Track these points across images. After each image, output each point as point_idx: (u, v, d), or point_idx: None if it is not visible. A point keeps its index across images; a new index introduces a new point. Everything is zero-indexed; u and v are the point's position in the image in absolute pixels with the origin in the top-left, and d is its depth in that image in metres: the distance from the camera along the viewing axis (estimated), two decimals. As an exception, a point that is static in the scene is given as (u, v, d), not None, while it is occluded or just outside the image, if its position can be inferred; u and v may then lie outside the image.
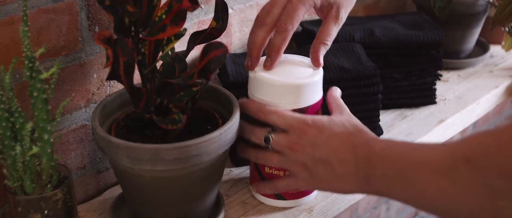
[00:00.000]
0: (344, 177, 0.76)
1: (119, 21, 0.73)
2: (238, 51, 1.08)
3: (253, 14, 1.08)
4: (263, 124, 0.82)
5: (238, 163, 0.97)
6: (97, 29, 0.85)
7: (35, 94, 0.71)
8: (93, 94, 0.88)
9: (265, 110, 0.81)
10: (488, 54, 1.30)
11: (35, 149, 0.73)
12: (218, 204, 0.86)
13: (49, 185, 0.76)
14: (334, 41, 1.05)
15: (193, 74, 0.73)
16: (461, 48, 1.28)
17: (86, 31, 0.84)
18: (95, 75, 0.87)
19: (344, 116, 0.80)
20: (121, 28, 0.74)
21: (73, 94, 0.85)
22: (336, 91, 0.86)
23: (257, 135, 0.82)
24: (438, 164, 0.66)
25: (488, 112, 1.22)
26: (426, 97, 1.13)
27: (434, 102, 1.14)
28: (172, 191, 0.77)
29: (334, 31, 0.87)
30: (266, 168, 0.86)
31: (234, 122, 0.78)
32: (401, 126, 1.08)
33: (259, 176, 0.87)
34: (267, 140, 0.81)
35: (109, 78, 0.72)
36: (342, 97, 0.86)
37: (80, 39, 0.84)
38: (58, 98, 0.83)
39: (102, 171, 0.93)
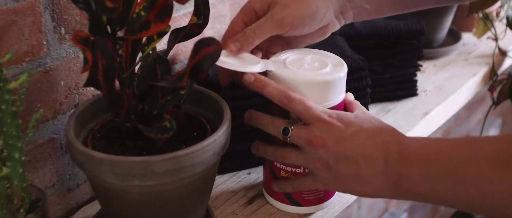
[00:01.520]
0: (369, 177, 0.69)
1: (95, 19, 0.65)
2: (211, 49, 1.00)
3: (224, 8, 1.00)
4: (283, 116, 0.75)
5: (221, 170, 0.89)
6: (63, 31, 0.76)
7: (3, 107, 0.61)
8: (61, 104, 0.79)
9: (289, 96, 0.72)
10: (461, 42, 1.27)
11: (4, 170, 0.63)
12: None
13: (21, 210, 0.67)
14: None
15: (183, 75, 0.65)
16: (434, 37, 1.24)
17: (51, 33, 0.75)
18: (62, 83, 0.78)
19: (368, 114, 0.74)
20: (98, 27, 0.65)
21: (38, 105, 0.76)
22: (350, 95, 0.79)
23: (276, 126, 0.74)
24: (500, 156, 0.59)
25: (468, 100, 1.18)
26: (408, 89, 1.08)
27: (416, 94, 1.09)
28: (163, 207, 0.69)
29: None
30: (281, 171, 0.79)
31: (227, 126, 0.70)
32: (386, 120, 1.01)
33: (275, 179, 0.80)
34: (285, 131, 0.73)
35: (87, 84, 0.64)
36: None
37: (44, 42, 0.74)
38: (22, 111, 0.73)
39: (73, 189, 0.84)
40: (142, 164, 0.64)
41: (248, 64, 0.76)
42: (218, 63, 0.70)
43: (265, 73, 0.77)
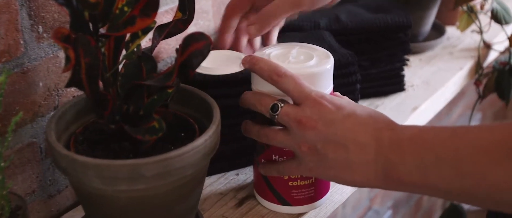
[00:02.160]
0: (359, 164, 0.65)
1: (76, 16, 0.61)
2: (194, 47, 0.97)
3: (207, 4, 0.97)
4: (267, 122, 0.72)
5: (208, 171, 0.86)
6: (41, 29, 0.72)
7: (-20, 110, 0.57)
8: (39, 106, 0.75)
9: (280, 72, 0.69)
10: (445, 36, 1.25)
11: (-17, 177, 0.60)
12: (197, 222, 0.76)
13: (1, 219, 0.63)
14: (300, 30, 0.97)
15: (171, 73, 0.62)
16: (419, 31, 1.22)
17: (28, 32, 0.71)
18: (41, 84, 0.74)
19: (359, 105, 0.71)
20: (79, 24, 0.61)
21: (17, 107, 0.72)
22: (337, 94, 0.76)
23: (264, 103, 0.70)
24: (502, 147, 0.57)
25: (456, 94, 1.17)
26: (395, 84, 1.06)
27: (403, 89, 1.07)
28: (151, 211, 0.66)
29: None
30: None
31: (218, 125, 0.67)
32: (374, 117, 1.00)
33: (262, 177, 0.78)
34: (274, 108, 0.69)
35: (70, 84, 0.60)
36: None
37: (21, 42, 0.70)
38: (0, 114, 0.69)
39: (54, 195, 0.80)
40: (131, 167, 0.60)
41: (229, 65, 0.73)
42: (198, 70, 0.67)
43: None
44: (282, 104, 0.69)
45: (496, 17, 1.18)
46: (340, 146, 0.66)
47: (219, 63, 0.73)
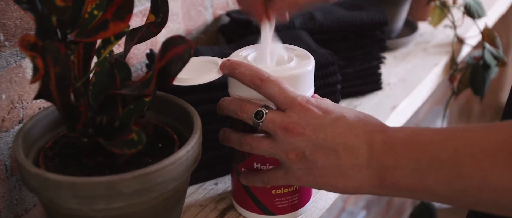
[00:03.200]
0: (351, 170, 0.62)
1: (42, 21, 0.56)
2: (164, 51, 0.93)
3: (177, 6, 0.92)
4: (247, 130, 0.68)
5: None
6: (1, 37, 0.67)
7: None
8: (3, 120, 0.69)
9: (263, 77, 0.65)
10: (418, 32, 1.23)
11: None
12: (178, 237, 0.71)
13: (-34, 247, 0.57)
14: (275, 30, 0.93)
15: (149, 80, 0.57)
16: (392, 27, 1.19)
17: (-12, 40, 0.65)
18: (4, 96, 0.69)
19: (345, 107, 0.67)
20: (46, 30, 0.56)
21: (-22, 123, 0.66)
22: (317, 96, 0.72)
23: (246, 109, 0.66)
24: (501, 147, 0.54)
25: (433, 91, 1.15)
26: (372, 83, 1.03)
27: (380, 88, 1.04)
28: (131, 231, 0.61)
29: None
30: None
31: (200, 134, 0.63)
32: (354, 118, 0.97)
33: (243, 186, 0.73)
34: (258, 115, 0.65)
35: (39, 96, 0.55)
36: None
37: (-19, 51, 0.65)
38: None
39: (21, 215, 0.75)
40: (109, 184, 0.56)
41: (206, 73, 0.69)
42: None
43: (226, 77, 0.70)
44: (267, 111, 0.65)
45: (469, 11, 1.17)
46: (330, 151, 0.63)
47: (193, 72, 0.69)
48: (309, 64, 0.70)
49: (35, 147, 0.65)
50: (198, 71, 0.69)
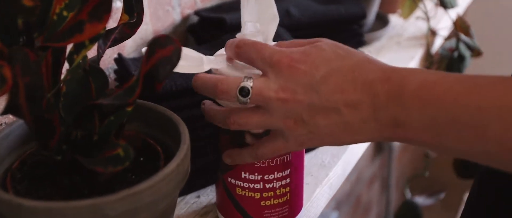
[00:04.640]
0: (357, 124, 0.56)
1: (5, 24, 0.49)
2: (132, 55, 0.85)
3: (144, 6, 0.85)
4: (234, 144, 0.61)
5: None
6: (-45, 45, 0.59)
7: None
8: (-38, 139, 0.61)
9: (241, 43, 0.59)
10: (390, 25, 1.19)
11: None
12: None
13: None
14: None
15: (133, 87, 0.50)
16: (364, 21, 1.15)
17: None
18: (-38, 113, 0.61)
19: (324, 41, 0.59)
20: (11, 34, 0.49)
21: None
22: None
23: (229, 85, 0.58)
24: None
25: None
26: (352, 80, 0.98)
27: (360, 84, 0.99)
28: (117, 257, 0.54)
29: None
30: (237, 188, 0.66)
31: (188, 145, 0.56)
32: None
33: (229, 198, 0.67)
34: (243, 91, 0.57)
35: (7, 111, 0.48)
36: None
37: None
38: None
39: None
40: (92, 207, 0.48)
41: (193, 66, 0.62)
42: None
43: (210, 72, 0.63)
44: (251, 84, 0.57)
45: (443, 2, 1.13)
46: (330, 110, 0.56)
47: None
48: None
49: (1, 168, 0.57)
50: (186, 62, 0.62)
